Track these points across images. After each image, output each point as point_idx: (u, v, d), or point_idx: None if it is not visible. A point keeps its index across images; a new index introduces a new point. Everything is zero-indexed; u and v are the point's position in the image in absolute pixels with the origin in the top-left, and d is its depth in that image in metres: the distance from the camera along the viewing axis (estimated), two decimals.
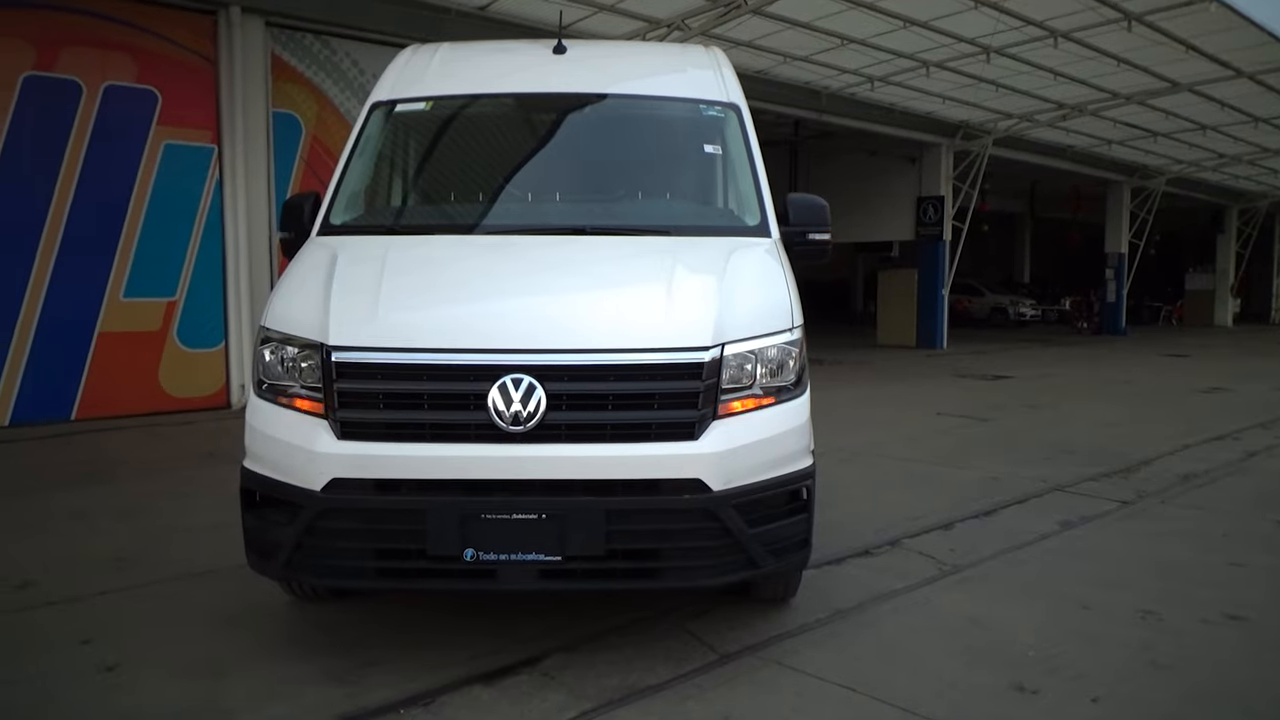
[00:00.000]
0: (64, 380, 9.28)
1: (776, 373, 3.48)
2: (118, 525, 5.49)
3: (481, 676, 3.46)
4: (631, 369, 3.27)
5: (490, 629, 3.86)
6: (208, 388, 10.21)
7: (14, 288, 8.97)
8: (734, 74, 4.74)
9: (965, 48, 13.78)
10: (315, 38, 10.77)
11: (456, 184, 4.59)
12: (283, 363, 3.44)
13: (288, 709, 3.22)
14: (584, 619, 3.97)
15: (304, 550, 3.28)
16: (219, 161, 10.14)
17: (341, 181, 4.30)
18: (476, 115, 4.67)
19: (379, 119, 4.53)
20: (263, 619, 4.02)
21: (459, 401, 3.23)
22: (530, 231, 4.08)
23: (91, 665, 3.55)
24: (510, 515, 3.18)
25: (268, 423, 3.45)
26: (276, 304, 3.62)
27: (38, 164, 9.04)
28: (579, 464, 3.20)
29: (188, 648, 3.72)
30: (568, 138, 4.64)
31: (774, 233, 4.11)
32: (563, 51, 4.72)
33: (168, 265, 9.90)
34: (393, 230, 4.25)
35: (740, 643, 3.78)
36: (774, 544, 3.40)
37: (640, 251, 3.92)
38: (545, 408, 3.18)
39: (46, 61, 9.02)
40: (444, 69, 4.74)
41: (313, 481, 3.23)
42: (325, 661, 3.58)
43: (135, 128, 9.60)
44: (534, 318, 3.43)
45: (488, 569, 3.22)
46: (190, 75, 9.90)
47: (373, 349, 3.30)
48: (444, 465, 3.21)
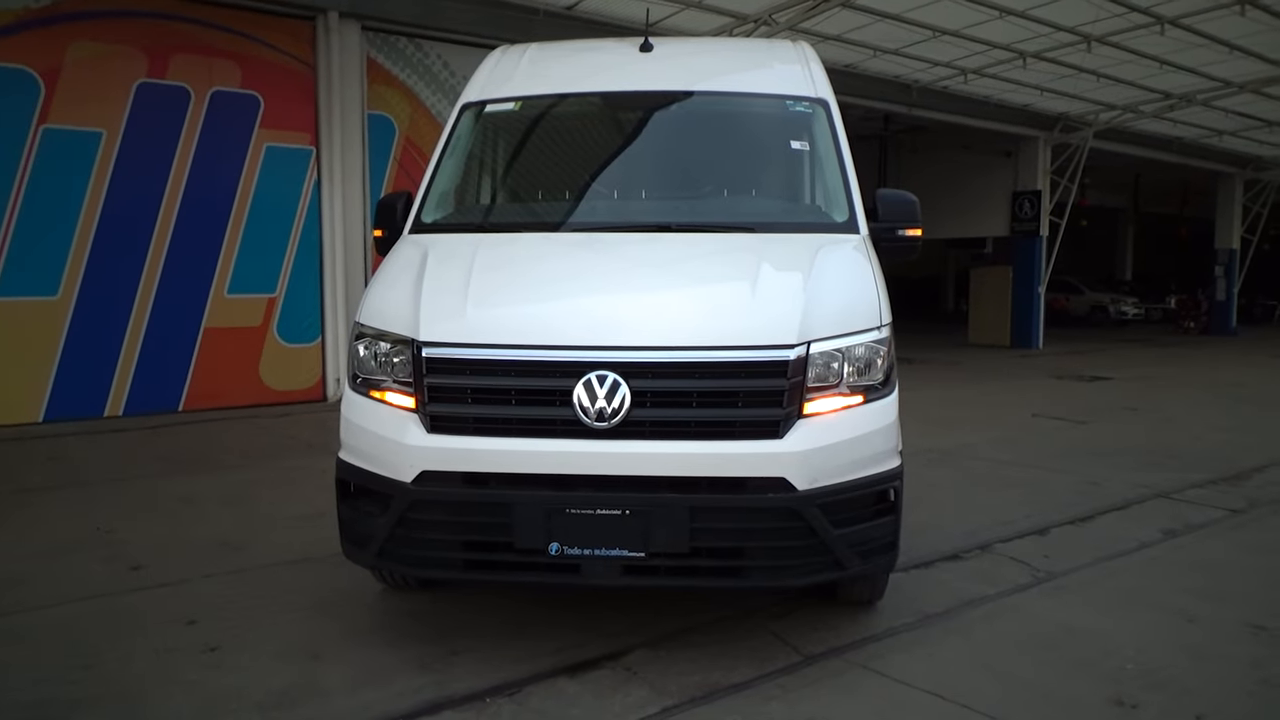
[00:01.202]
0: (172, 373, 9.73)
1: (864, 371, 3.43)
2: (222, 512, 5.73)
3: (566, 669, 3.50)
4: (716, 366, 3.26)
5: (575, 622, 3.90)
6: (305, 381, 10.57)
7: (128, 285, 9.45)
8: (822, 69, 4.68)
9: (1064, 37, 13.29)
10: (408, 41, 11.04)
11: (544, 182, 4.64)
12: (376, 358, 3.54)
13: (379, 693, 3.31)
14: (667, 615, 3.98)
15: (395, 540, 3.37)
16: (317, 162, 10.48)
17: (432, 181, 4.39)
18: (564, 114, 4.72)
19: (469, 119, 4.62)
20: (356, 606, 4.14)
21: (545, 397, 3.27)
22: (616, 229, 4.10)
23: (196, 645, 3.72)
24: (595, 510, 3.21)
25: (361, 416, 3.55)
26: (370, 300, 3.72)
27: (149, 167, 9.50)
28: (663, 461, 3.20)
29: (285, 631, 3.86)
30: (654, 135, 4.65)
31: (862, 229, 4.05)
32: (649, 49, 4.73)
33: (268, 263, 10.29)
34: (481, 228, 4.32)
35: (825, 644, 3.73)
36: (860, 545, 3.35)
37: (725, 249, 3.90)
38: (630, 404, 3.19)
39: (158, 69, 9.47)
40: (532, 69, 4.80)
41: (403, 474, 3.32)
42: (414, 649, 3.67)
43: (239, 131, 10.00)
44: (619, 315, 3.45)
45: (572, 563, 3.25)
46: (290, 80, 10.27)
47: (461, 345, 3.36)
48: (530, 460, 3.26)
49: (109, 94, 9.20)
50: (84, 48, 9.05)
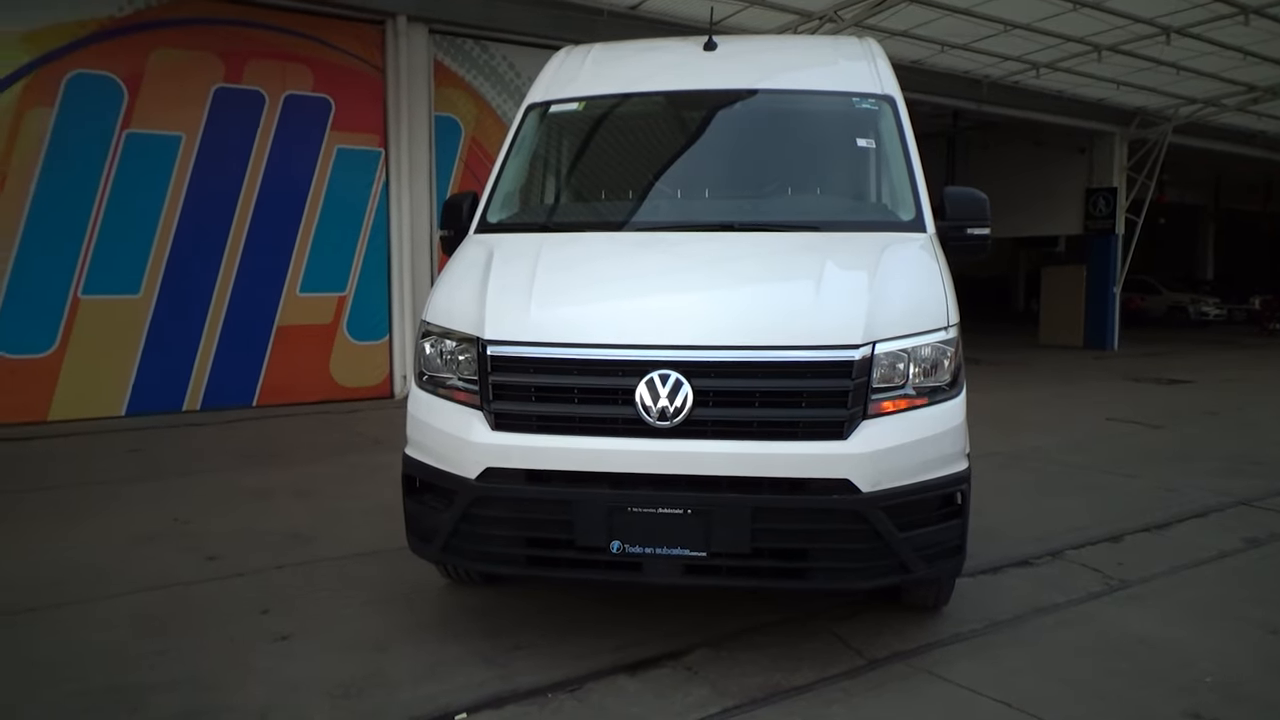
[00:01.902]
0: (247, 369, 10.03)
1: (930, 372, 3.37)
2: (293, 505, 5.89)
3: (626, 667, 3.52)
4: (779, 366, 3.24)
5: (635, 621, 3.91)
6: (373, 378, 10.79)
7: (205, 284, 9.76)
8: (889, 65, 4.62)
9: (1142, 29, 12.87)
10: (475, 43, 11.19)
11: (608, 182, 4.66)
12: (442, 355, 3.59)
13: (443, 686, 3.37)
14: (728, 616, 3.96)
15: (460, 535, 3.42)
16: (385, 164, 10.69)
17: (498, 181, 4.45)
18: (627, 114, 4.73)
19: (534, 120, 4.66)
20: (421, 599, 4.22)
21: (607, 396, 3.29)
22: (679, 228, 4.10)
23: (269, 634, 3.83)
24: (656, 509, 3.22)
25: (427, 412, 3.61)
26: (436, 299, 3.78)
27: (226, 169, 9.79)
28: (725, 460, 3.19)
29: (353, 622, 3.95)
30: (717, 134, 4.63)
31: (929, 228, 3.98)
32: (713, 48, 4.72)
33: (339, 262, 10.53)
34: (546, 228, 4.36)
35: (889, 649, 3.68)
36: (926, 549, 3.29)
37: (789, 248, 3.87)
38: (692, 404, 3.19)
39: (234, 74, 9.76)
40: (596, 69, 4.82)
41: (468, 470, 3.36)
42: (478, 643, 3.73)
43: (311, 133, 10.26)
44: (681, 314, 3.45)
45: (634, 561, 3.26)
46: (360, 82, 10.49)
47: (525, 343, 3.40)
48: (592, 458, 3.28)
49: (188, 99, 9.52)
50: (165, 54, 9.37)
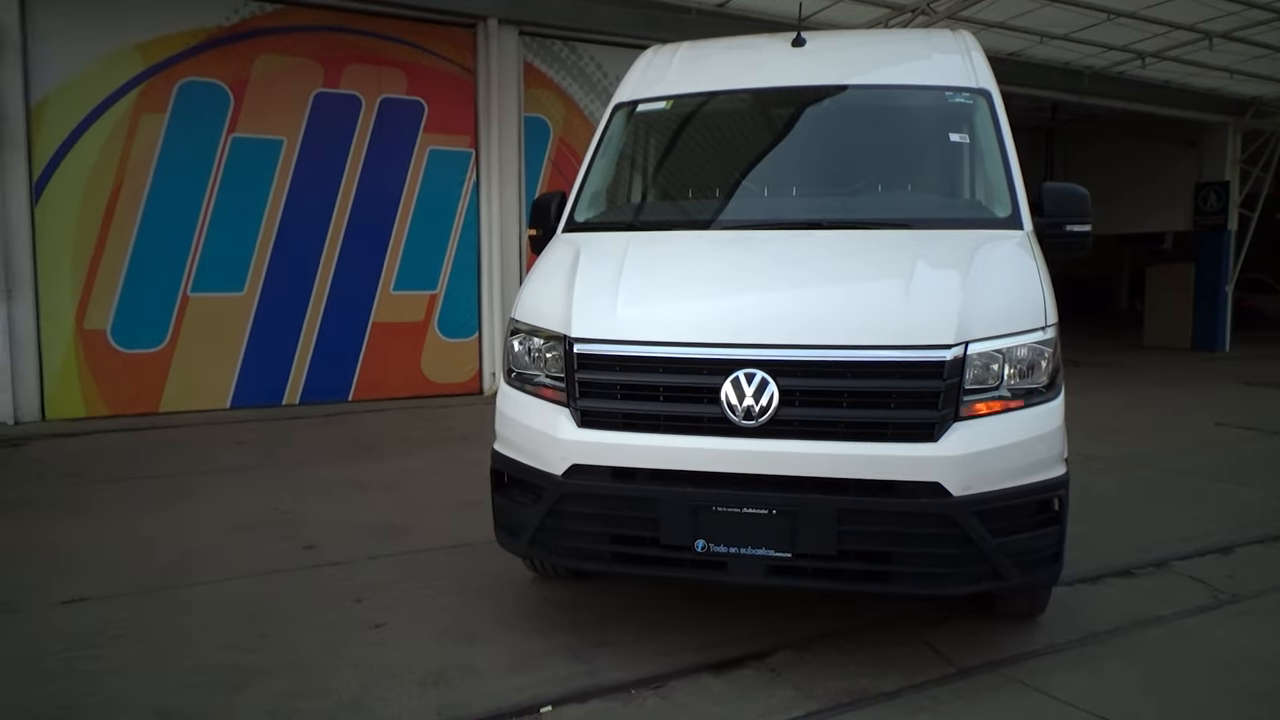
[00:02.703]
0: (343, 365, 10.36)
1: (1027, 374, 3.27)
2: (386, 497, 6.06)
3: (710, 666, 3.51)
4: (868, 366, 3.19)
5: (719, 620, 3.90)
6: (463, 375, 11.02)
7: (305, 281, 10.12)
8: (984, 57, 4.49)
9: (1257, 14, 12.19)
10: (563, 44, 11.31)
11: (695, 180, 4.66)
12: (530, 353, 3.65)
13: (529, 678, 3.42)
14: (813, 618, 3.92)
15: (546, 531, 3.47)
16: (476, 164, 10.90)
17: (585, 180, 4.49)
18: (715, 112, 4.72)
19: (621, 119, 4.69)
20: (508, 592, 4.29)
21: (692, 394, 3.29)
22: (767, 226, 4.08)
23: (362, 622, 3.95)
24: (741, 509, 3.20)
25: (515, 409, 3.67)
26: (524, 297, 3.84)
27: (324, 171, 10.13)
28: (811, 461, 3.16)
29: (442, 613, 4.04)
30: (806, 131, 4.58)
31: (1026, 225, 3.86)
32: (801, 44, 4.66)
33: (430, 261, 10.78)
34: (632, 226, 4.38)
35: (980, 657, 3.59)
36: (1020, 556, 3.20)
37: (879, 245, 3.80)
38: (778, 403, 3.17)
39: (333, 79, 10.09)
40: (683, 68, 4.82)
41: (555, 466, 3.40)
42: (563, 637, 3.77)
43: (405, 135, 10.53)
44: (767, 312, 3.43)
45: (718, 561, 3.25)
46: (452, 85, 10.72)
47: (611, 341, 3.42)
48: (677, 456, 3.28)
49: (290, 103, 9.88)
50: (268, 61, 9.75)
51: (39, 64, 8.78)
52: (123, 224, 9.23)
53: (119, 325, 9.28)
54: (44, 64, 8.80)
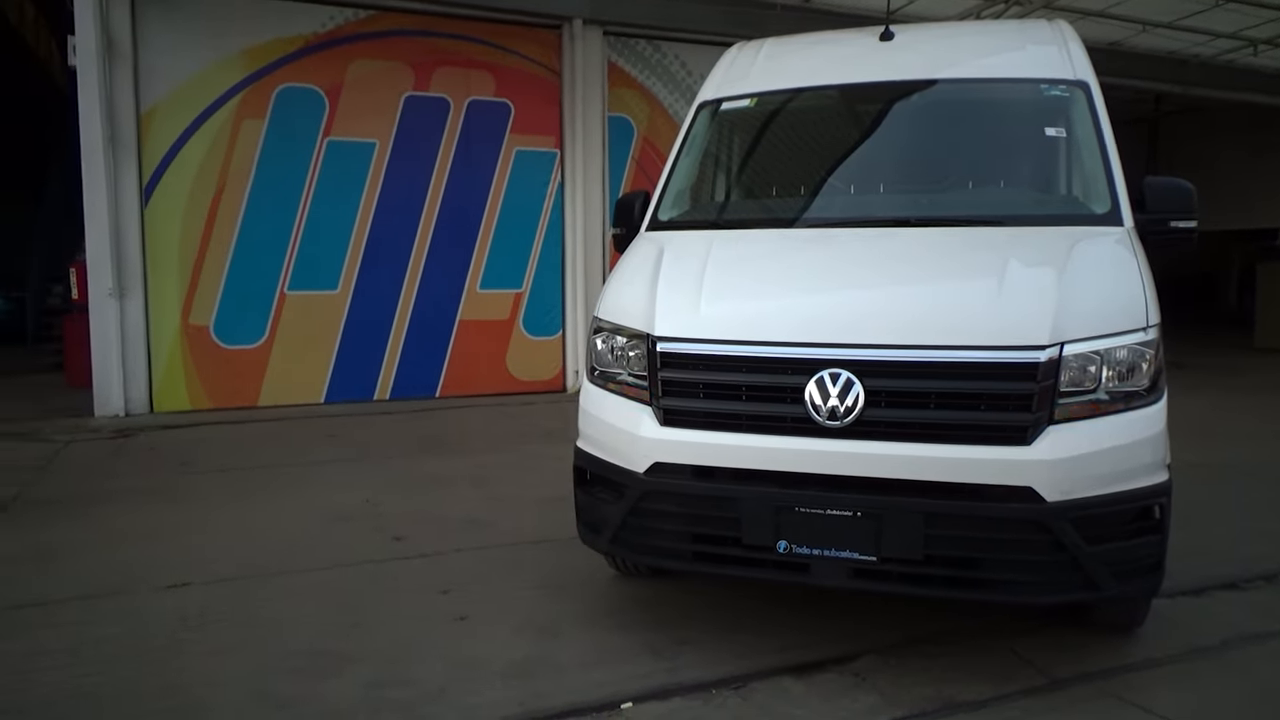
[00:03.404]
0: (431, 362, 10.59)
1: (1126, 376, 3.15)
2: (471, 492, 6.17)
3: (791, 669, 3.48)
4: (957, 367, 3.11)
5: (800, 623, 3.86)
6: (546, 372, 11.15)
7: (395, 280, 10.38)
8: (1082, 48, 4.34)
9: None
10: (647, 43, 11.34)
11: (779, 178, 4.62)
12: (613, 351, 3.67)
13: (610, 674, 3.44)
14: (897, 623, 3.85)
15: (628, 528, 3.49)
16: (560, 164, 11.02)
17: (669, 179, 4.49)
18: (800, 109, 4.67)
19: (705, 118, 4.68)
20: (589, 588, 4.33)
21: (775, 394, 3.26)
22: (853, 224, 4.01)
23: (448, 613, 4.04)
24: (825, 510, 3.16)
25: (598, 407, 3.70)
26: (608, 296, 3.87)
27: (414, 173, 10.38)
28: (897, 463, 3.10)
29: (525, 607, 4.10)
30: (894, 127, 4.50)
31: (1127, 221, 3.71)
32: (890, 38, 4.58)
33: (516, 260, 10.94)
34: (716, 225, 4.37)
35: (1073, 669, 3.47)
36: (1117, 565, 3.08)
37: (969, 243, 3.71)
38: (863, 404, 3.12)
39: (423, 82, 10.32)
40: (768, 64, 4.78)
41: (637, 464, 3.42)
42: (644, 634, 3.79)
43: (492, 137, 10.71)
44: (852, 311, 3.38)
45: (801, 562, 3.22)
46: (537, 86, 10.85)
47: (694, 340, 3.42)
48: (759, 456, 3.26)
49: (381, 107, 10.15)
50: (361, 66, 10.03)
51: (148, 73, 9.21)
52: (225, 225, 9.62)
53: (221, 322, 9.68)
54: (153, 73, 9.24)
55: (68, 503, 5.87)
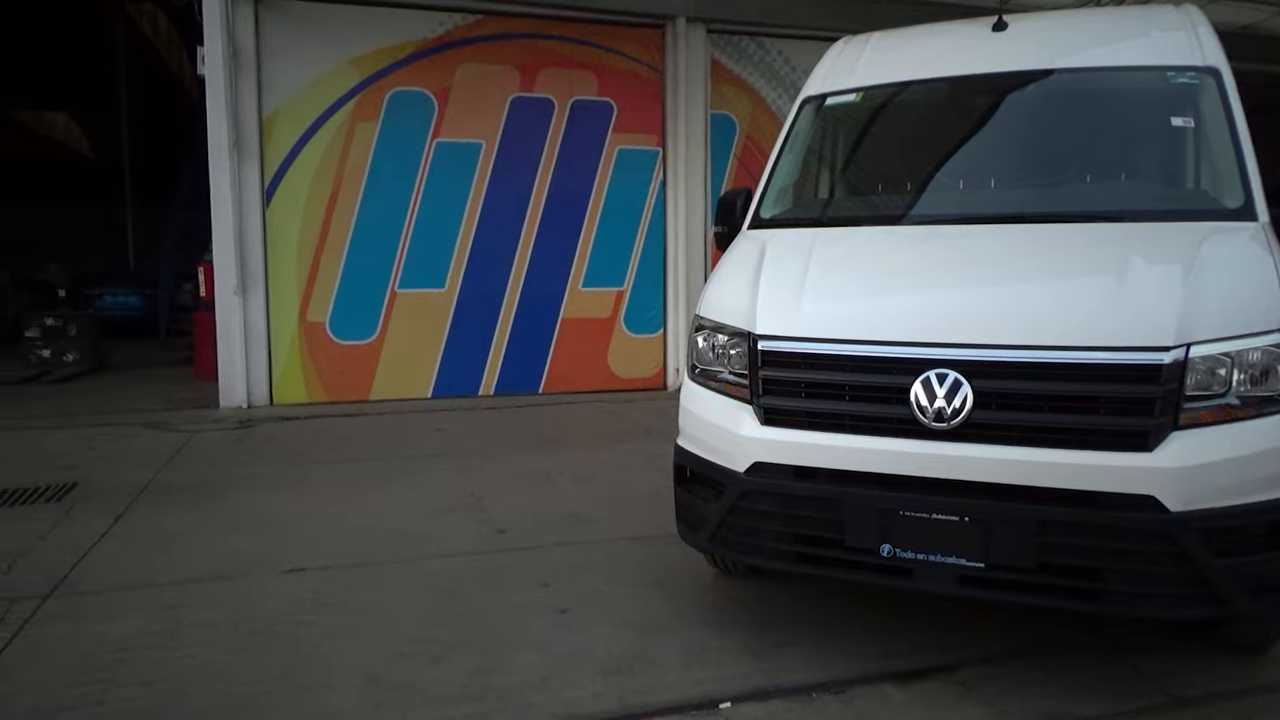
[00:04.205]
0: (534, 359, 10.77)
1: (1260, 380, 2.96)
2: (573, 487, 6.26)
3: (894, 675, 3.41)
4: (1073, 369, 2.99)
5: (902, 629, 3.78)
6: (647, 370, 11.20)
7: (500, 278, 10.60)
8: (1212, 33, 4.10)
9: None
10: (751, 39, 11.26)
11: (885, 174, 4.52)
12: (714, 349, 3.66)
13: (709, 672, 3.44)
14: (1005, 633, 3.73)
15: (727, 527, 3.47)
16: (663, 163, 11.05)
17: (771, 176, 4.45)
18: (907, 103, 4.56)
19: (809, 114, 4.61)
20: (688, 586, 4.33)
21: (880, 394, 3.20)
22: (962, 221, 3.90)
23: (549, 606, 4.10)
24: (930, 514, 3.09)
25: (699, 405, 3.70)
26: (709, 294, 3.86)
27: (519, 173, 10.57)
28: (1008, 468, 3.00)
29: (625, 603, 4.13)
30: (1006, 120, 4.35)
31: (1262, 215, 3.49)
32: (1003, 28, 4.43)
33: (618, 258, 11.03)
34: (819, 222, 4.30)
35: (1199, 688, 3.29)
36: (1250, 580, 2.90)
37: (1087, 240, 3.56)
38: (972, 406, 3.03)
39: (528, 84, 10.51)
40: (875, 58, 4.69)
41: (737, 463, 3.41)
42: (743, 634, 3.77)
43: (595, 136, 10.81)
44: (961, 310, 3.28)
45: (905, 566, 3.15)
46: (640, 85, 10.91)
47: (796, 339, 3.38)
48: (862, 457, 3.20)
49: (488, 108, 10.37)
50: (469, 69, 10.27)
51: (270, 80, 9.65)
52: (340, 225, 10.00)
53: (336, 318, 10.07)
54: (275, 80, 9.67)
55: (195, 489, 6.21)
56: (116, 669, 3.48)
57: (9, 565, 4.61)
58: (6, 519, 5.50)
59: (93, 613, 4.02)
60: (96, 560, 4.73)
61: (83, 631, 3.82)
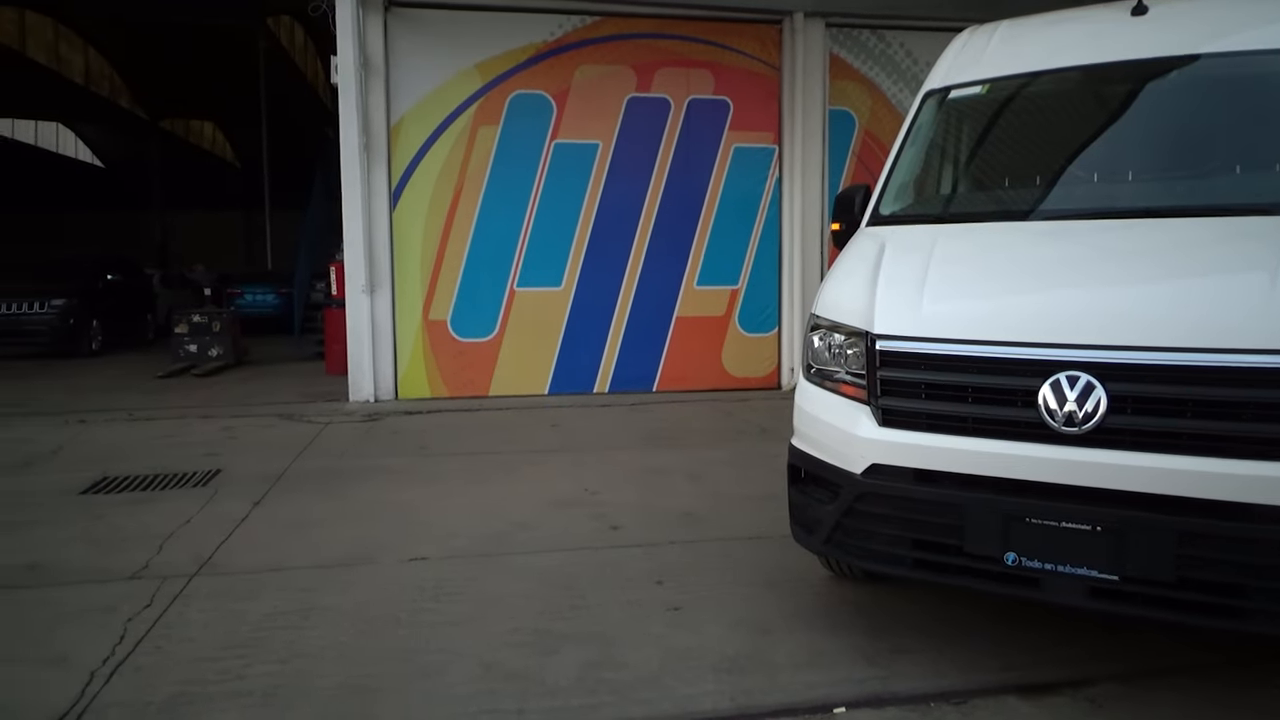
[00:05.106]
0: (648, 357, 10.85)
1: None
2: (686, 485, 6.27)
3: (1017, 688, 3.29)
4: (1219, 372, 2.81)
5: (1025, 641, 3.64)
6: (761, 369, 11.12)
7: (615, 277, 10.71)
8: None
9: None
10: (871, 33, 11.02)
11: (1012, 168, 4.35)
12: (830, 349, 3.61)
13: (823, 676, 3.40)
14: (1132, 649, 3.55)
15: (843, 530, 3.42)
16: (779, 160, 10.94)
17: (891, 172, 4.35)
18: (1037, 94, 4.37)
19: (932, 107, 4.48)
20: (802, 588, 4.28)
21: (1005, 397, 3.09)
22: (1096, 216, 3.71)
23: (662, 603, 4.13)
24: (1059, 523, 2.96)
25: (814, 405, 3.65)
26: (826, 293, 3.80)
27: (634, 172, 10.66)
28: (1146, 476, 2.84)
29: (738, 602, 4.12)
30: (1146, 109, 4.11)
31: None
32: (1143, 12, 4.18)
33: (732, 256, 10.98)
34: (942, 219, 4.18)
35: None
36: None
37: (1234, 234, 3.33)
38: (1106, 410, 2.88)
39: (644, 84, 10.58)
40: (1003, 48, 4.51)
41: (853, 465, 3.34)
42: (857, 639, 3.70)
43: (710, 134, 10.80)
44: (1095, 309, 3.12)
45: (1031, 576, 3.02)
46: (756, 83, 10.83)
47: (916, 339, 3.30)
48: (986, 462, 3.10)
49: (605, 109, 10.50)
50: (587, 70, 10.42)
51: (398, 87, 10.03)
52: (461, 225, 10.31)
53: (457, 316, 10.38)
54: (402, 86, 10.05)
55: (326, 478, 6.51)
56: (255, 646, 3.69)
57: (160, 545, 4.95)
58: (159, 501, 5.90)
59: (234, 592, 4.28)
60: (237, 543, 5.03)
61: (224, 610, 4.07)
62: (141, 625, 3.89)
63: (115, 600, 4.16)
